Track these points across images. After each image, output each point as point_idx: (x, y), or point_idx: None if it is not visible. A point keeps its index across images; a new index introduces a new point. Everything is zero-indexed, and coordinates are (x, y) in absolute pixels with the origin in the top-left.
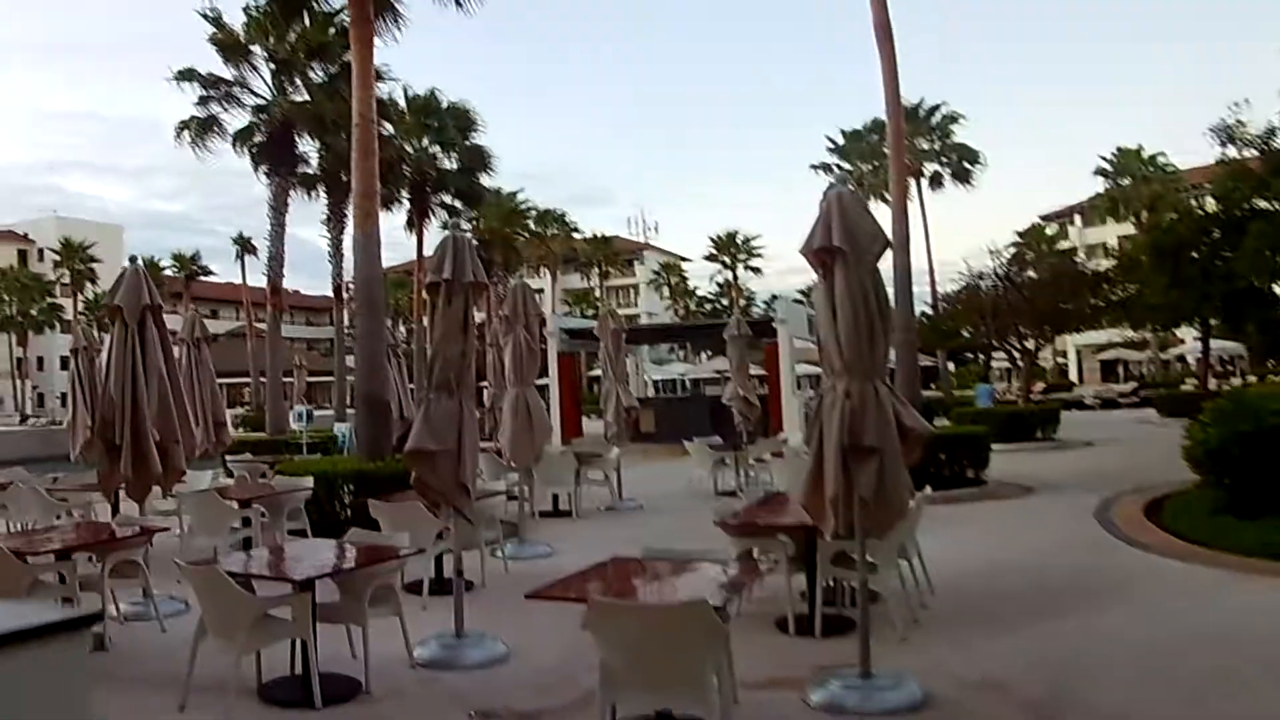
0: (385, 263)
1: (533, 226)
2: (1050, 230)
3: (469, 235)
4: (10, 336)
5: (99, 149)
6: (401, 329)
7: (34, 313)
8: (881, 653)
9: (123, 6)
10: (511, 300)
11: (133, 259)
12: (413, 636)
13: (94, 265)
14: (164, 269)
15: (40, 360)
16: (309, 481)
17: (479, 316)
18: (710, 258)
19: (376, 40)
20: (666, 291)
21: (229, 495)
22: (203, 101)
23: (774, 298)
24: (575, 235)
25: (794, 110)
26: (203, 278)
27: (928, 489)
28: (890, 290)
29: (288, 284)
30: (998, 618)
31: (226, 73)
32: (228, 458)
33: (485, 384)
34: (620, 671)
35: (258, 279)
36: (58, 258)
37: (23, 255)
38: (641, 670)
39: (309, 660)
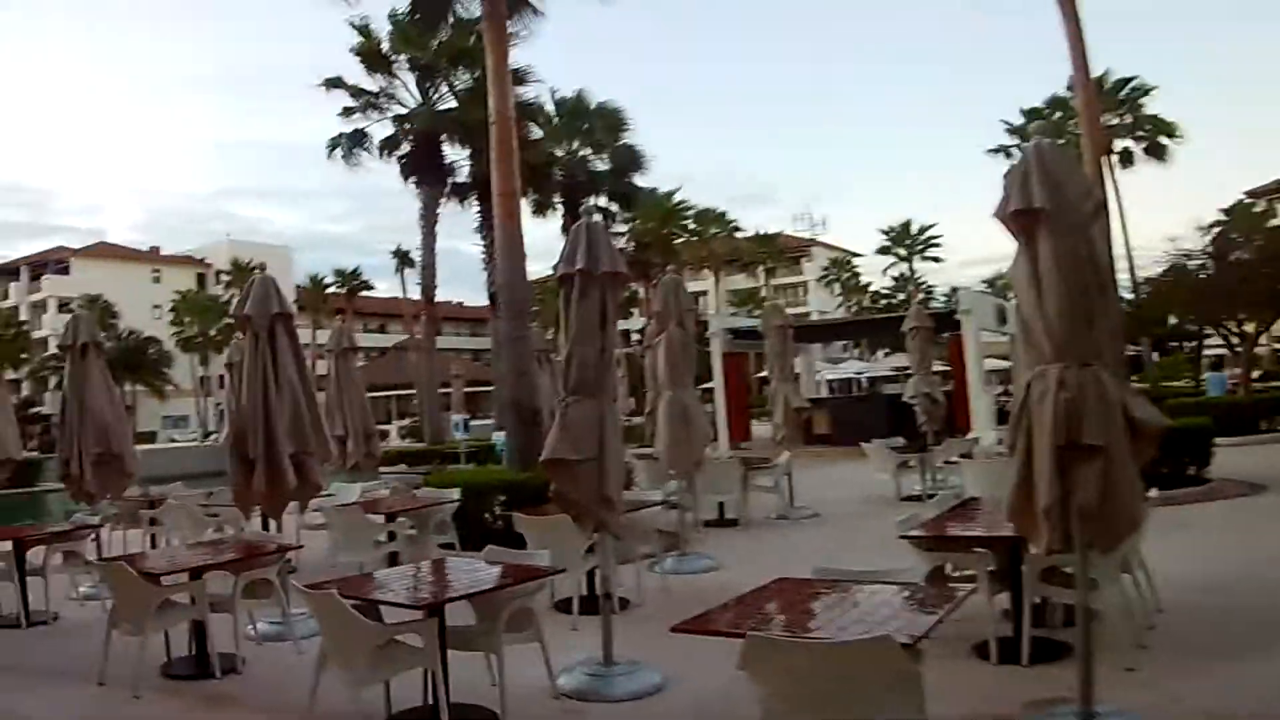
0: (544, 271)
1: (692, 226)
2: (1258, 207)
3: (600, 220)
4: (193, 356)
5: (270, 175)
6: (563, 339)
7: (212, 333)
8: (1104, 683)
9: (286, 37)
10: (661, 295)
11: (261, 268)
12: (558, 662)
13: None
14: (328, 286)
15: (221, 378)
16: (455, 493)
17: (637, 321)
18: (883, 250)
19: (516, 41)
20: (837, 288)
21: (377, 508)
22: (347, 113)
23: (954, 290)
24: (737, 234)
25: (963, 95)
26: (366, 293)
27: (1154, 491)
28: None
29: (453, 296)
30: (1239, 639)
31: (372, 84)
32: (382, 469)
33: (646, 390)
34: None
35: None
36: (230, 279)
37: (201, 279)
38: (812, 718)
39: (439, 691)
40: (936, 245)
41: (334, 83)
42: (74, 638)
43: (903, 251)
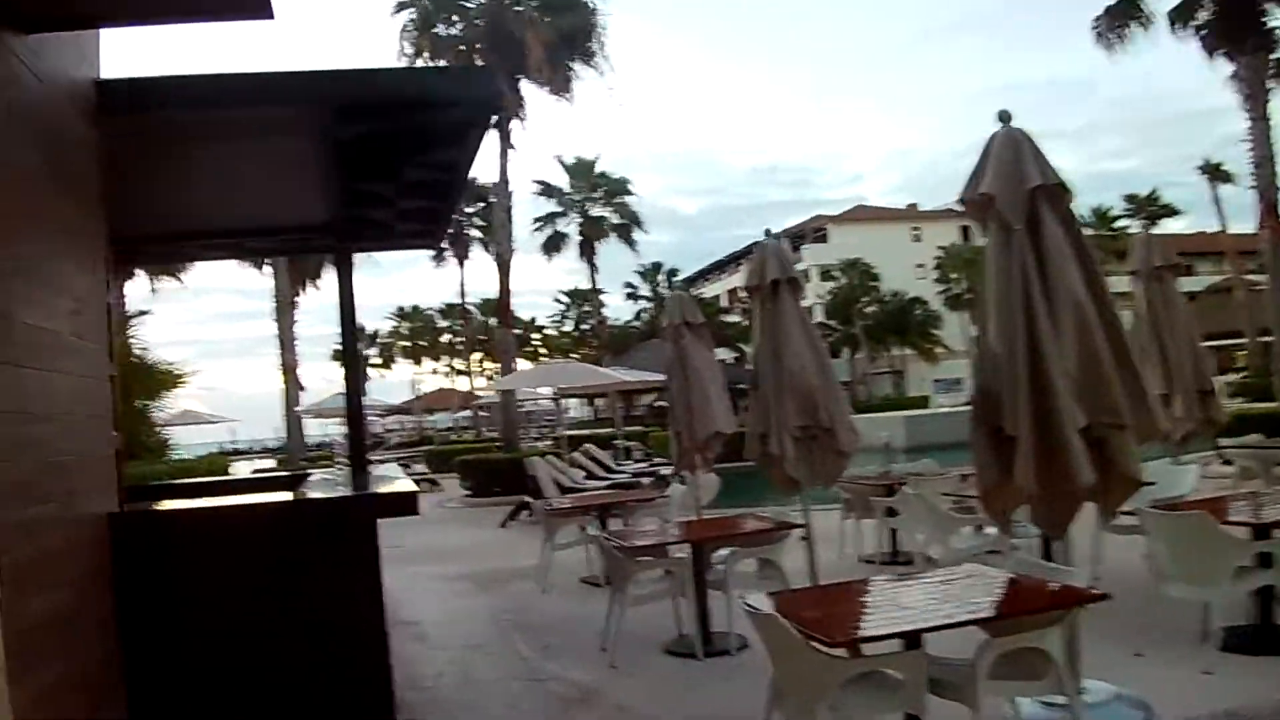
0: None
1: None
2: None
3: None
4: (961, 315)
5: (1033, 117)
6: None
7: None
8: None
9: None
10: None
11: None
12: None
13: None
14: (1115, 219)
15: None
16: None
17: None
18: None
19: None
20: None
21: (1244, 514)
22: None
23: None
24: None
25: None
26: (1169, 221)
27: None
28: None
29: None
30: None
31: None
32: (1221, 442)
33: None
34: None
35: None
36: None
37: (964, 232)
38: None
39: None
40: None
41: None
42: (753, 681)
43: None
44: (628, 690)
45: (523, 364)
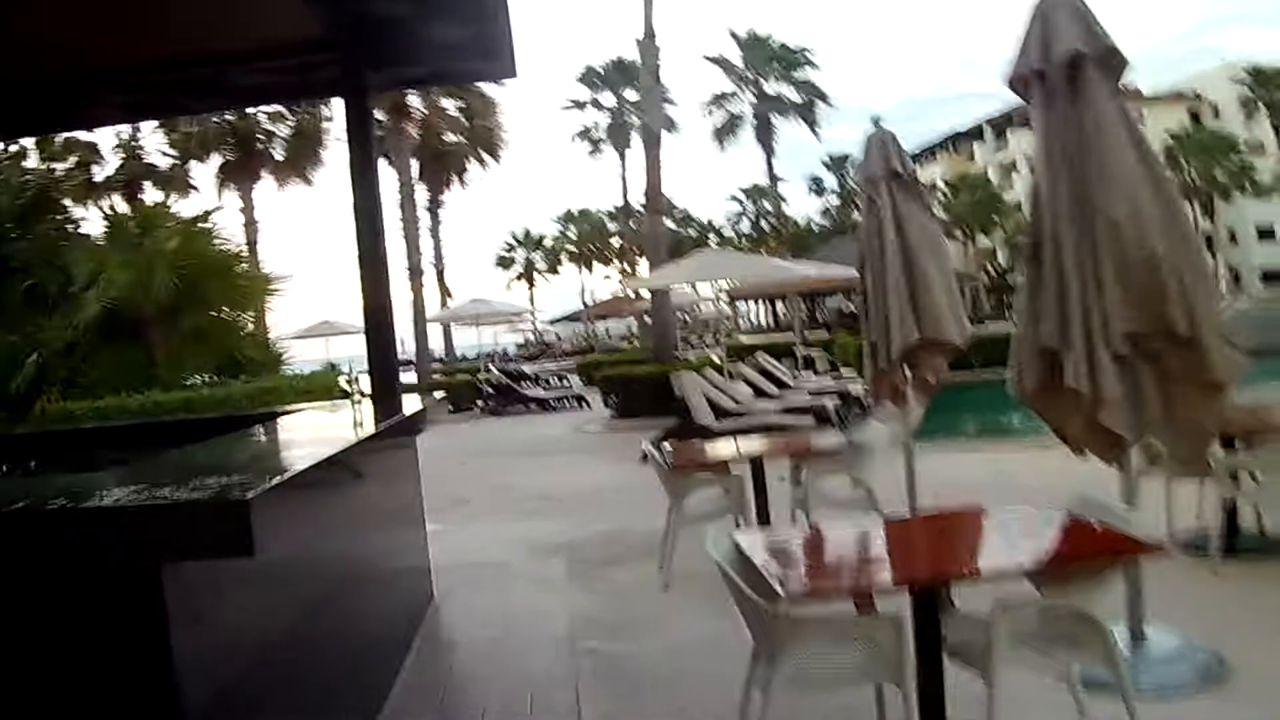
0: None
1: None
2: None
3: None
4: (1193, 205)
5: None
6: None
7: (1218, 176)
8: None
9: None
10: None
11: None
12: None
13: None
14: None
15: (1231, 233)
16: None
17: None
18: None
19: None
20: None
21: None
22: None
23: None
24: None
25: None
26: None
27: None
28: None
29: None
30: None
31: None
32: None
33: None
34: None
35: None
36: (1252, 92)
37: (1194, 115)
38: None
39: None
40: None
41: None
42: None
43: None
44: None
45: None
